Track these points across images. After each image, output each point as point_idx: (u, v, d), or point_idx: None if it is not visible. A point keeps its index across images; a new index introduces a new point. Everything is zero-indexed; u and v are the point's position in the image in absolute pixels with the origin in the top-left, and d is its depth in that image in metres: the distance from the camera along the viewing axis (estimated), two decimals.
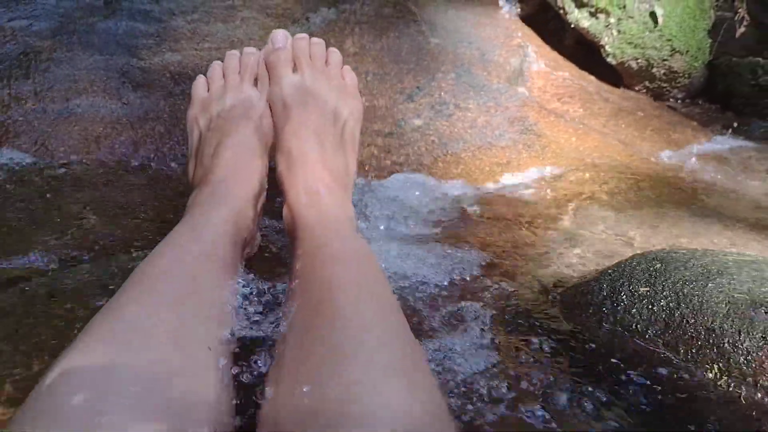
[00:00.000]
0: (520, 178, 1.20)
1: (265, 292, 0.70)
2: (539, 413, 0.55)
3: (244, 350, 0.59)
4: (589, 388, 0.60)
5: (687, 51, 1.67)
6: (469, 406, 0.56)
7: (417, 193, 1.07)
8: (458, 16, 1.77)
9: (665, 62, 1.67)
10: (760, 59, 1.84)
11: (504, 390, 0.58)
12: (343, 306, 0.56)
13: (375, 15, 1.73)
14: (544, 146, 1.33)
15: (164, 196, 1.04)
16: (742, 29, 1.75)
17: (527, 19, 1.86)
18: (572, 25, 1.72)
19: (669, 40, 1.65)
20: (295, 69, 0.86)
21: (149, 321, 0.51)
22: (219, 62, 0.93)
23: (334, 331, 0.53)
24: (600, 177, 1.22)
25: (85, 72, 1.32)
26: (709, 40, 1.74)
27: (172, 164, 1.17)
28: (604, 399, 0.58)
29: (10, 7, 1.49)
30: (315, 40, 0.90)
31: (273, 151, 0.84)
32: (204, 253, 0.63)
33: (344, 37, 1.62)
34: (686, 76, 1.72)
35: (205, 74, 0.92)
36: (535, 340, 0.67)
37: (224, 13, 1.63)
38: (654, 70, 1.69)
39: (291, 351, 0.54)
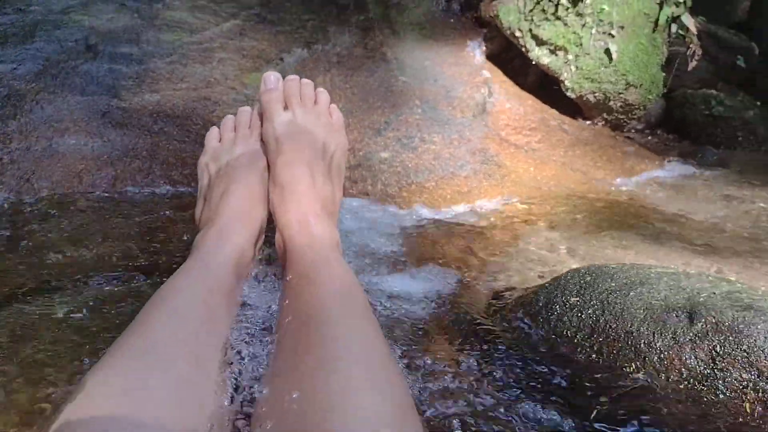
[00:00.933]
0: (479, 205, 1.30)
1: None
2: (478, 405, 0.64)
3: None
4: (521, 393, 0.68)
5: (641, 84, 1.79)
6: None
7: (380, 215, 1.16)
8: (426, 56, 1.89)
9: (621, 95, 1.79)
10: (713, 91, 1.97)
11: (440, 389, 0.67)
12: (328, 324, 0.65)
13: (346, 55, 1.85)
14: (503, 176, 1.43)
15: (142, 225, 1.13)
16: (694, 63, 1.88)
17: (492, 57, 1.98)
18: (534, 62, 1.84)
19: (623, 74, 1.77)
20: (286, 107, 0.96)
21: (173, 345, 0.60)
22: (232, 116, 1.03)
23: (320, 345, 0.61)
24: (555, 203, 1.32)
25: (67, 112, 1.42)
26: (663, 74, 1.86)
27: (149, 198, 1.25)
28: (537, 398, 0.67)
29: None
30: (305, 81, 1.00)
31: (268, 182, 0.93)
32: (215, 285, 0.72)
33: (316, 75, 1.73)
34: (641, 108, 1.84)
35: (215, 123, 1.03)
36: (475, 346, 0.76)
37: (201, 55, 1.73)
38: (611, 102, 1.81)
39: (282, 361, 0.62)
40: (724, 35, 2.24)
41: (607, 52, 1.76)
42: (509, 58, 1.97)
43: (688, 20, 1.85)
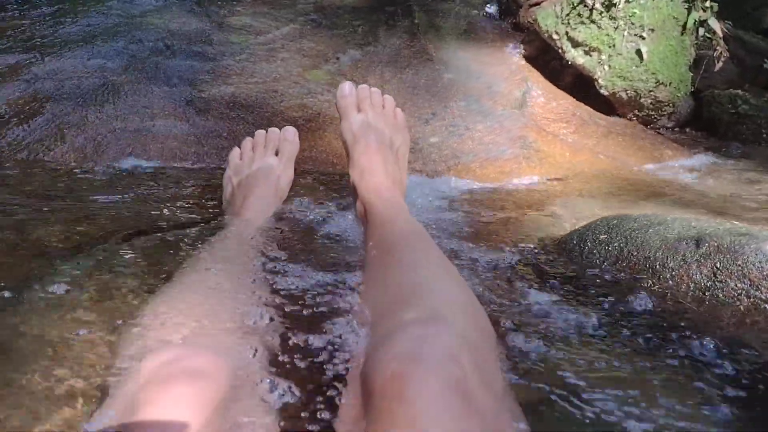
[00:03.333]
0: (520, 181, 1.51)
1: None
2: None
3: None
4: (563, 302, 0.89)
5: (670, 83, 1.99)
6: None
7: (432, 187, 1.39)
8: (468, 57, 2.12)
9: (651, 93, 2.00)
10: (739, 91, 2.16)
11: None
12: (405, 246, 0.88)
13: (395, 55, 2.08)
14: (541, 159, 1.64)
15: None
16: (720, 64, 2.07)
17: (530, 59, 2.21)
18: (570, 63, 2.06)
19: (653, 73, 1.97)
20: (359, 110, 1.20)
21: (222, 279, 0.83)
22: (250, 138, 1.30)
23: (401, 258, 0.84)
24: (589, 181, 1.52)
25: (156, 100, 1.67)
26: (691, 74, 2.06)
27: None
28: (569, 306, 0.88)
29: (88, 49, 1.86)
30: (374, 89, 1.25)
31: (348, 167, 1.18)
32: (242, 249, 0.98)
33: (369, 73, 1.97)
34: (671, 105, 2.04)
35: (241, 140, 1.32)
36: (521, 272, 0.97)
37: (266, 55, 1.98)
38: (642, 99, 2.01)
39: (372, 271, 0.85)
40: (751, 40, 2.43)
41: (638, 52, 1.97)
42: (546, 60, 2.19)
43: (715, 24, 2.05)
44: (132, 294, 0.80)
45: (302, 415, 0.60)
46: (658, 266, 0.94)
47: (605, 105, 2.08)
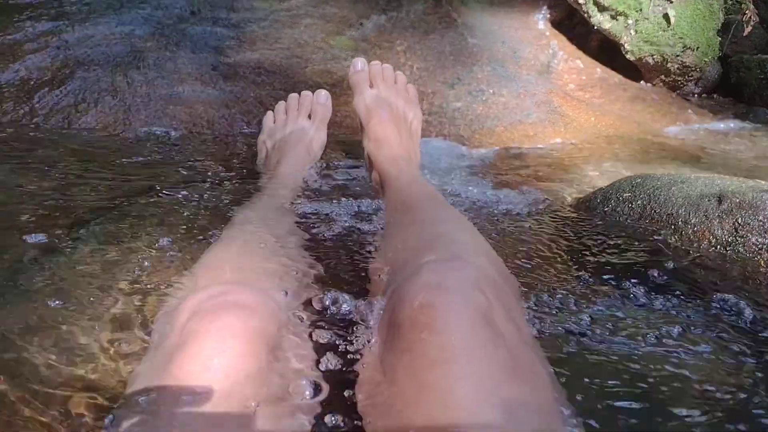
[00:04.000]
0: (546, 144, 1.54)
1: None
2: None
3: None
4: (588, 257, 0.92)
5: (697, 47, 1.99)
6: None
7: (457, 150, 1.42)
8: (493, 22, 2.13)
9: (678, 57, 2.00)
10: None
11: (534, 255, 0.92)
12: (421, 207, 0.91)
13: (419, 21, 2.10)
14: (566, 123, 1.66)
15: (250, 155, 1.40)
16: (749, 29, 2.06)
17: (556, 24, 2.21)
18: (596, 27, 2.06)
19: (681, 38, 1.97)
20: (371, 85, 1.23)
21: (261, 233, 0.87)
22: (283, 102, 1.34)
23: (421, 217, 0.87)
24: (613, 144, 1.55)
25: (183, 66, 1.71)
26: (719, 39, 2.06)
27: (255, 133, 1.53)
28: (597, 260, 0.91)
29: (116, 16, 1.90)
30: (386, 65, 1.28)
31: (362, 140, 1.21)
32: (279, 207, 1.02)
33: (393, 38, 1.99)
34: (698, 70, 2.04)
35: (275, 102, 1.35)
36: (563, 226, 1.01)
37: (290, 21, 2.01)
38: (669, 64, 2.01)
39: (391, 230, 0.88)
40: None
41: (666, 16, 1.97)
42: (572, 25, 2.19)
43: None
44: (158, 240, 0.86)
45: (337, 343, 0.64)
46: (680, 222, 0.97)
47: (631, 70, 2.09)
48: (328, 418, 0.56)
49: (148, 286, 0.76)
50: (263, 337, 0.60)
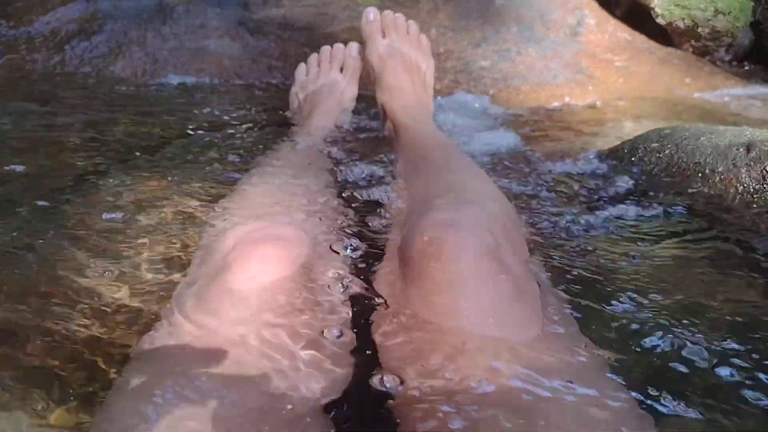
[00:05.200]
0: (572, 103, 1.56)
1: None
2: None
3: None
4: (619, 203, 0.95)
5: (729, 12, 1.99)
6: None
7: (483, 106, 1.44)
8: None
9: (709, 22, 2.00)
10: None
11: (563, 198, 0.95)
12: (434, 156, 0.94)
13: None
14: (594, 84, 1.68)
15: (276, 106, 1.44)
16: None
17: None
18: None
19: (713, 2, 1.97)
20: (384, 35, 1.25)
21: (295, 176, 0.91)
22: (316, 54, 1.36)
23: (434, 164, 0.90)
24: (641, 104, 1.56)
25: (210, 21, 1.74)
26: (752, 3, 2.05)
27: (284, 88, 1.56)
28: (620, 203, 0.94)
29: None
30: (398, 15, 1.30)
31: (376, 90, 1.24)
32: (310, 154, 1.06)
33: None
34: (729, 35, 2.03)
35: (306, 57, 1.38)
36: (588, 176, 1.04)
37: None
38: (699, 29, 2.01)
39: (406, 177, 0.92)
40: None
41: None
42: None
43: None
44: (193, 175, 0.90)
45: (359, 274, 0.68)
46: (707, 171, 0.99)
47: (661, 35, 2.09)
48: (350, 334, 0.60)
49: (184, 217, 0.80)
50: (300, 264, 0.64)
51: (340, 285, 0.66)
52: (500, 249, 0.61)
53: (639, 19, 2.11)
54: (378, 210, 0.85)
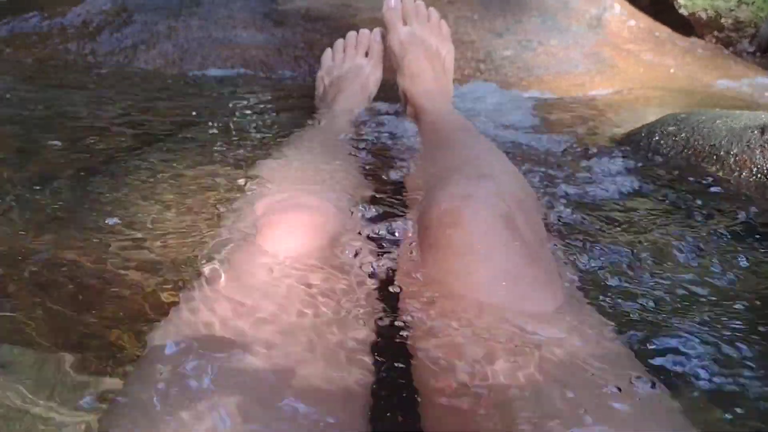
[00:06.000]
0: (593, 92, 1.59)
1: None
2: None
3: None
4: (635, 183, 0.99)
5: (753, 2, 2.01)
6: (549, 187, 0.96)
7: (505, 95, 1.48)
8: None
9: (732, 12, 2.02)
10: None
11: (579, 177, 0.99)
12: (455, 138, 0.98)
13: None
14: (615, 74, 1.71)
15: (302, 92, 1.49)
16: None
17: None
18: None
19: None
20: (405, 22, 1.30)
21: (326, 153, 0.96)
22: (342, 39, 1.41)
23: (452, 144, 0.95)
24: (662, 93, 1.59)
25: (236, 13, 1.80)
26: None
27: (309, 77, 1.62)
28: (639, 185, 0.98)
29: None
30: (419, 2, 1.35)
31: (397, 75, 1.28)
32: (335, 134, 1.10)
33: None
34: (752, 25, 2.05)
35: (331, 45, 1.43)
36: (605, 158, 1.08)
37: None
38: (722, 20, 2.03)
39: (425, 155, 0.96)
40: None
41: None
42: None
43: None
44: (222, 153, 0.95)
45: (382, 244, 0.73)
46: (722, 153, 1.03)
47: (684, 25, 2.11)
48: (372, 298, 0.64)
49: (212, 191, 0.85)
50: (326, 231, 0.69)
51: (362, 254, 0.71)
52: (514, 219, 0.65)
53: (662, 9, 2.13)
54: (398, 187, 0.90)
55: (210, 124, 1.12)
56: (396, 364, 0.56)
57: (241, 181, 0.86)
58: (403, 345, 0.57)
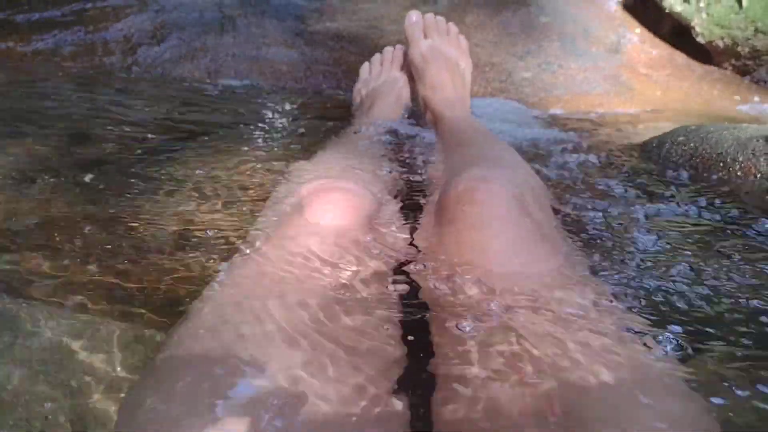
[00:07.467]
0: (611, 112, 1.69)
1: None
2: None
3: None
4: (644, 187, 1.07)
5: None
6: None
7: (525, 111, 1.58)
8: (565, 2, 2.28)
9: (749, 41, 2.11)
10: None
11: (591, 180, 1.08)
12: (474, 141, 1.08)
13: None
14: (633, 96, 1.80)
15: (328, 107, 1.59)
16: None
17: (627, 8, 2.35)
18: (667, 11, 2.19)
19: (753, 21, 2.09)
20: (426, 36, 1.41)
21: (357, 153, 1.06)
22: (379, 54, 1.52)
23: (470, 144, 1.04)
24: (679, 115, 1.68)
25: (269, 32, 1.92)
26: None
27: (337, 92, 1.72)
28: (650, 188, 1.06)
29: None
30: (439, 18, 1.46)
31: (417, 86, 1.39)
32: (370, 139, 1.20)
33: (466, 14, 2.16)
34: None
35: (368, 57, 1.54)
36: (617, 164, 1.16)
37: None
38: (739, 48, 2.12)
39: (445, 155, 1.06)
40: None
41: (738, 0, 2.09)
42: (643, 8, 2.33)
43: None
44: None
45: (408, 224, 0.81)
46: (728, 160, 1.11)
47: (702, 53, 2.20)
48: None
49: (259, 179, 0.95)
50: (363, 212, 0.78)
51: (394, 237, 0.80)
52: (525, 200, 0.74)
53: (680, 37, 2.23)
54: (424, 182, 0.99)
55: (246, 128, 1.23)
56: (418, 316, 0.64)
57: (284, 173, 0.95)
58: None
